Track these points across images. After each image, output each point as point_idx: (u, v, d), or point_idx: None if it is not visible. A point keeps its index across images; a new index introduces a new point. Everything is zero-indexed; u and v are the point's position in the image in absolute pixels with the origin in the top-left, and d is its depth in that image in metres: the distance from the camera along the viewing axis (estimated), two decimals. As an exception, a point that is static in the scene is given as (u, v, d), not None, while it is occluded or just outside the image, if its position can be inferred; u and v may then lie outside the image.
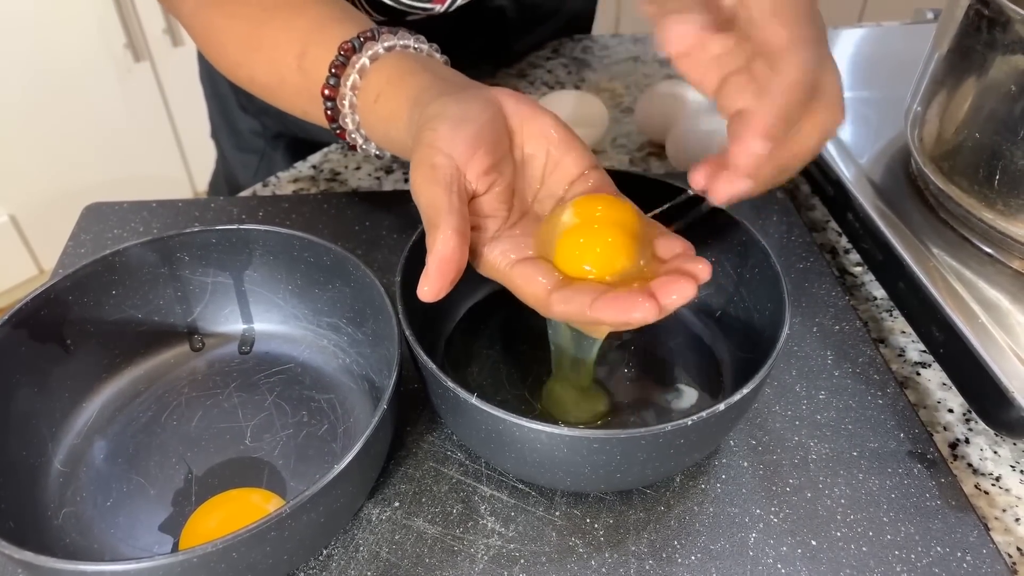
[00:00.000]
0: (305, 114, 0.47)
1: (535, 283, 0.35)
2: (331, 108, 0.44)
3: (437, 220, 0.34)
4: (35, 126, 1.57)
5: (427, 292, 0.34)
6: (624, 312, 0.32)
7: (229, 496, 0.41)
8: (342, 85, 0.43)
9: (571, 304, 0.34)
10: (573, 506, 0.43)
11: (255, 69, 0.48)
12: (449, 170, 0.35)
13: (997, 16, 0.45)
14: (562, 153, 0.39)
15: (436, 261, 0.34)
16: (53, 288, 0.43)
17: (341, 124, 0.44)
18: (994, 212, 0.49)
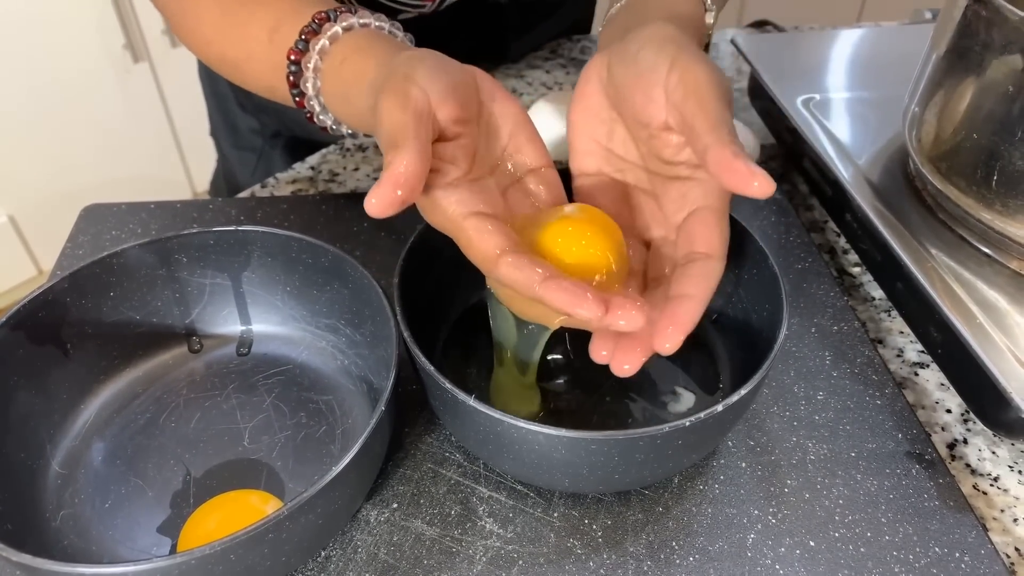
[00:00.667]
0: (271, 89, 0.47)
1: (488, 239, 0.33)
2: (294, 72, 0.43)
3: (401, 141, 0.32)
4: (34, 127, 1.57)
5: (374, 205, 0.31)
6: (570, 302, 0.31)
7: (227, 498, 0.41)
8: (310, 49, 0.42)
9: (521, 272, 0.32)
10: (571, 507, 0.43)
11: (226, 46, 0.48)
12: (422, 102, 0.34)
13: (994, 16, 0.45)
14: (524, 140, 0.39)
15: (392, 176, 0.32)
16: (51, 290, 0.43)
17: (302, 88, 0.44)
18: (992, 212, 0.49)
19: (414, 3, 0.63)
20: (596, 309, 0.31)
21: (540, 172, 0.40)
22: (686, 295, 0.34)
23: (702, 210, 0.37)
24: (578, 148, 0.42)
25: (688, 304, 0.34)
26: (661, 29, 0.38)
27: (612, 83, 0.40)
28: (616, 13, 0.47)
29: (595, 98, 0.41)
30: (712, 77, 0.36)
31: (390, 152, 0.33)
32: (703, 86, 0.35)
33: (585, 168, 0.42)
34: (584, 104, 0.41)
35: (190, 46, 0.51)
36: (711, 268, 0.35)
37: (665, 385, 0.48)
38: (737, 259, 0.47)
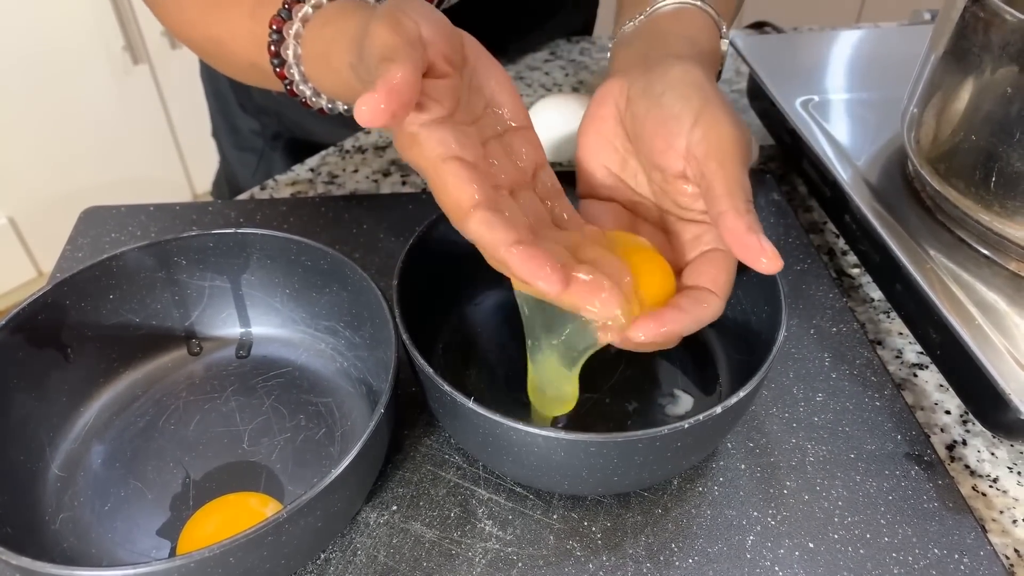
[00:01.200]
0: (252, 66, 0.47)
1: (465, 187, 0.32)
2: (276, 40, 0.43)
3: (394, 56, 0.31)
4: (34, 128, 1.57)
5: (364, 112, 0.29)
6: (531, 271, 0.31)
7: (227, 500, 0.41)
8: (293, 17, 0.42)
9: (492, 231, 0.31)
10: (571, 509, 0.43)
11: (210, 25, 0.48)
12: (414, 31, 0.33)
13: (992, 18, 0.45)
14: (507, 99, 0.38)
15: (386, 84, 0.30)
16: (50, 293, 0.43)
17: (283, 55, 0.43)
18: (991, 214, 0.49)
19: None
20: (555, 284, 0.31)
21: (521, 132, 0.39)
22: (679, 307, 0.36)
23: (714, 252, 0.38)
24: (588, 171, 0.42)
25: (676, 314, 0.35)
26: (688, 73, 0.39)
27: (632, 116, 0.40)
28: (632, 33, 0.46)
29: (610, 124, 0.41)
30: (735, 137, 0.36)
31: (382, 65, 0.31)
32: (726, 146, 0.36)
33: (596, 192, 0.42)
34: (597, 127, 0.41)
35: (173, 30, 0.51)
36: (711, 300, 0.36)
37: (664, 387, 0.48)
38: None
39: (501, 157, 0.37)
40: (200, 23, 0.49)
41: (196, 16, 0.49)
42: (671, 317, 0.35)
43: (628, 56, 0.44)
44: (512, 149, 0.38)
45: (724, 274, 0.37)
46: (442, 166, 0.32)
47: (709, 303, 0.36)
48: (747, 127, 0.39)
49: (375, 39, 0.33)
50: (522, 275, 0.31)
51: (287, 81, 0.45)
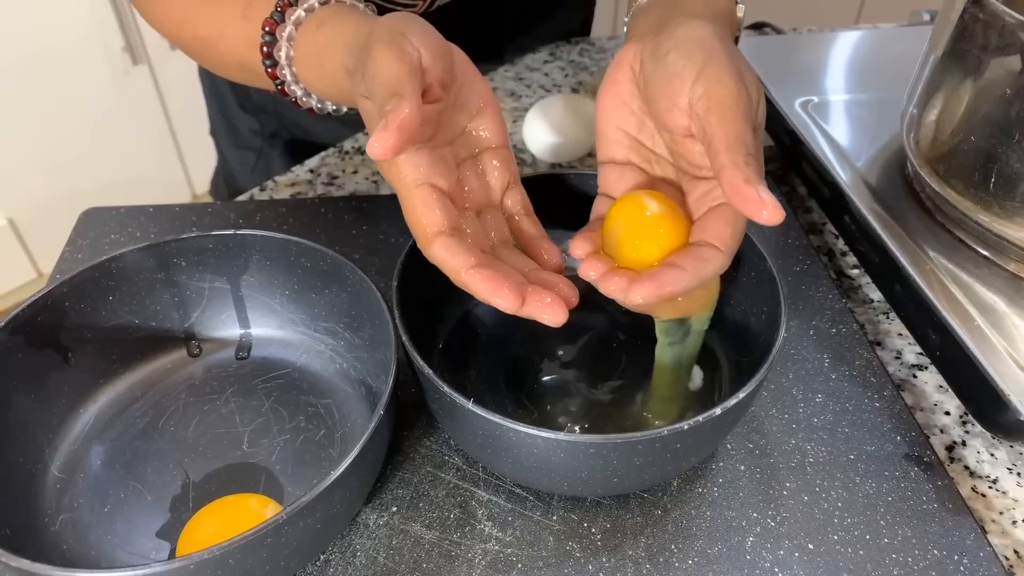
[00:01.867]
0: (242, 66, 0.47)
1: (431, 215, 0.35)
2: (268, 41, 0.43)
3: (401, 90, 0.33)
4: (33, 129, 1.57)
5: (377, 148, 0.32)
6: (489, 291, 0.33)
7: (226, 502, 0.41)
8: (286, 20, 0.43)
9: (452, 256, 0.34)
10: (570, 510, 0.43)
11: (197, 24, 0.48)
12: (417, 59, 0.35)
13: (992, 19, 0.45)
14: (488, 119, 0.40)
15: (398, 121, 0.32)
16: (50, 294, 0.43)
17: (275, 57, 0.44)
18: (990, 215, 0.49)
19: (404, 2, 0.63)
20: (512, 301, 0.33)
21: (497, 151, 0.41)
22: (677, 266, 0.35)
23: (722, 207, 0.37)
24: (606, 136, 0.42)
25: (675, 273, 0.35)
26: (696, 30, 0.38)
27: (644, 78, 0.40)
28: (647, 3, 0.46)
29: (626, 87, 0.41)
30: (737, 92, 0.36)
31: (391, 100, 0.33)
32: (726, 101, 0.36)
33: (614, 156, 0.42)
34: (614, 91, 0.41)
35: (162, 30, 0.51)
36: (713, 255, 0.36)
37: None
38: (735, 261, 0.47)
39: (473, 179, 0.40)
40: (188, 23, 0.49)
41: (183, 16, 0.49)
42: (670, 277, 0.35)
43: (644, 23, 0.44)
44: (486, 169, 0.40)
45: (729, 228, 0.37)
46: (414, 191, 0.35)
47: (711, 259, 0.36)
48: (756, 83, 0.38)
49: (380, 66, 0.34)
50: (482, 295, 0.34)
51: (278, 81, 0.45)
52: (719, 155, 0.35)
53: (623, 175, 0.42)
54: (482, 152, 0.40)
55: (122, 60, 1.61)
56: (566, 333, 0.50)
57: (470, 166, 0.40)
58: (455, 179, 0.38)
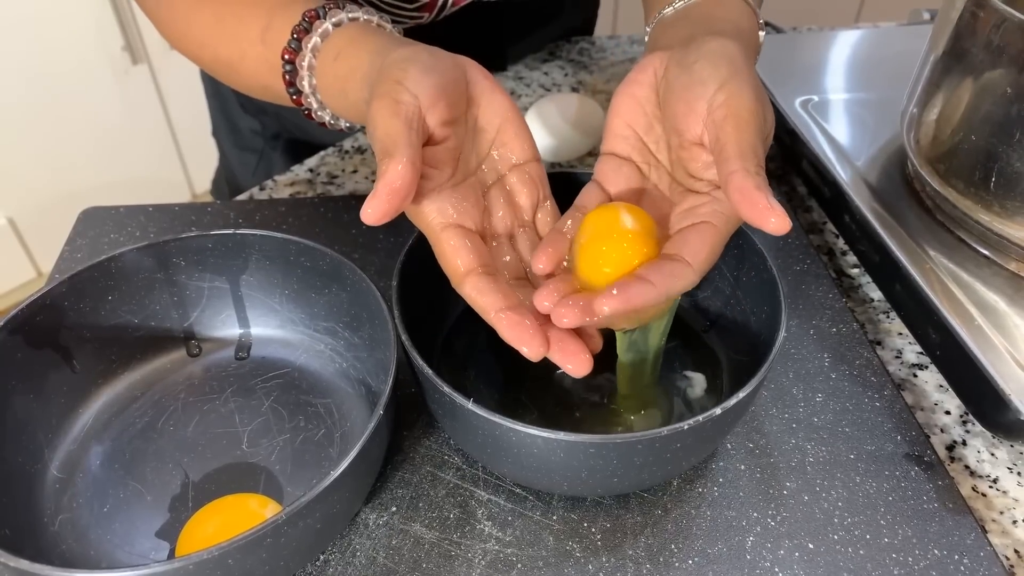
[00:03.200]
0: (265, 89, 0.47)
1: (460, 256, 0.36)
2: (289, 71, 0.44)
3: (393, 149, 0.34)
4: (33, 129, 1.57)
5: (370, 214, 0.33)
6: (515, 337, 0.34)
7: (226, 502, 0.41)
8: (303, 48, 0.43)
9: (482, 297, 0.35)
10: (570, 510, 0.43)
11: (219, 47, 0.48)
12: (413, 108, 0.35)
13: (992, 18, 0.45)
14: (511, 136, 0.40)
15: (387, 187, 0.33)
16: (49, 294, 0.43)
17: (298, 87, 0.44)
18: (990, 214, 0.49)
19: (412, 14, 0.63)
20: (536, 348, 0.34)
21: (524, 167, 0.41)
22: (647, 280, 0.34)
23: (703, 224, 0.37)
24: (614, 130, 0.42)
25: (643, 288, 0.34)
26: (725, 46, 0.39)
27: (665, 83, 0.40)
28: (673, 16, 0.46)
29: (645, 89, 0.41)
30: (756, 108, 0.36)
31: (384, 160, 0.34)
32: (745, 113, 0.36)
33: (616, 150, 0.42)
34: (632, 91, 0.42)
35: (182, 50, 0.51)
36: (684, 272, 0.35)
37: (675, 371, 0.48)
38: (736, 261, 0.47)
39: (501, 204, 0.40)
40: (209, 45, 0.49)
41: (204, 37, 0.49)
42: (637, 291, 0.34)
43: (671, 35, 0.44)
44: (513, 190, 0.41)
45: (707, 248, 0.36)
46: (441, 234, 0.36)
47: (681, 276, 0.35)
48: (771, 110, 0.38)
49: (376, 122, 0.35)
50: (508, 340, 0.34)
51: (304, 108, 0.45)
52: (730, 161, 0.35)
53: (620, 169, 0.42)
54: (509, 172, 0.40)
55: (122, 60, 1.61)
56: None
57: (498, 190, 0.40)
58: (481, 212, 0.39)
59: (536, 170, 0.41)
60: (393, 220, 0.34)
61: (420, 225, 0.37)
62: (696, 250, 0.36)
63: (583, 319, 0.34)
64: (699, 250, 0.36)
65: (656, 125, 0.42)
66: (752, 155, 0.35)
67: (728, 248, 0.47)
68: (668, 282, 0.35)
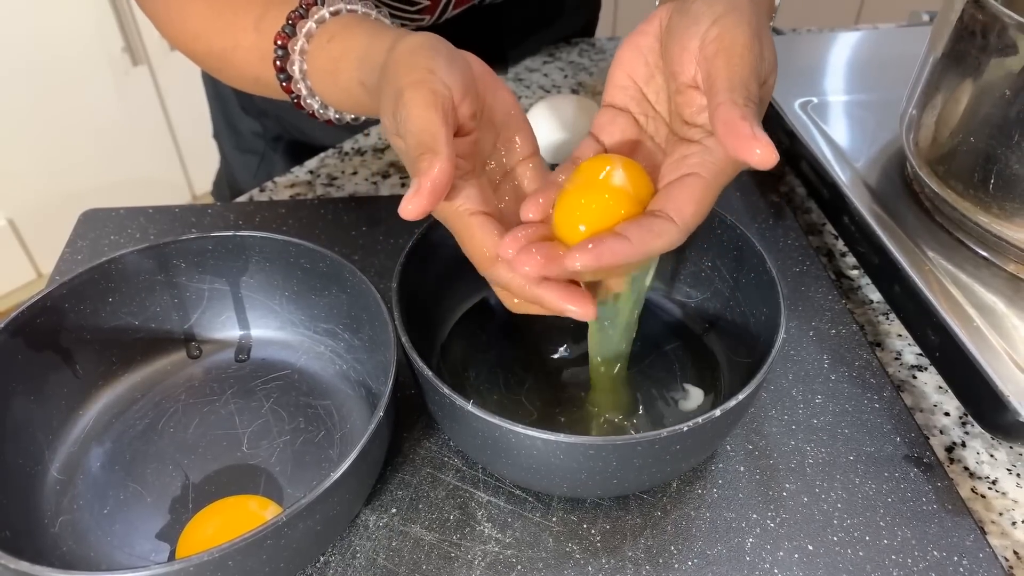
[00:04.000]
0: (256, 80, 0.47)
1: (491, 238, 0.35)
2: (281, 56, 0.43)
3: (434, 144, 0.33)
4: (33, 130, 1.57)
5: (411, 211, 0.32)
6: (566, 298, 0.33)
7: (226, 503, 0.41)
8: (297, 32, 0.43)
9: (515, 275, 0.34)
10: (570, 512, 0.43)
11: (213, 38, 0.48)
12: (448, 100, 0.35)
13: (991, 20, 0.45)
14: (515, 129, 0.40)
15: (431, 183, 0.32)
16: (49, 296, 0.43)
17: (288, 71, 0.44)
18: (989, 215, 0.49)
19: (413, 16, 0.63)
20: (587, 308, 0.33)
21: (529, 161, 0.40)
22: (623, 236, 0.32)
23: (691, 176, 0.35)
24: (615, 81, 0.42)
25: (620, 245, 0.32)
26: None
27: (668, 30, 0.39)
28: None
29: (649, 40, 0.40)
30: (751, 43, 0.35)
31: (425, 156, 0.33)
32: (738, 47, 0.34)
33: (615, 101, 0.42)
34: (637, 41, 0.41)
35: (176, 43, 0.51)
36: (666, 229, 0.33)
37: (668, 384, 0.48)
38: (735, 262, 0.47)
39: (510, 199, 0.40)
40: (203, 36, 0.49)
41: (199, 29, 0.49)
42: (612, 248, 0.32)
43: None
44: (520, 184, 0.40)
45: (692, 203, 0.33)
46: (469, 219, 0.36)
47: (662, 233, 0.33)
48: (772, 48, 0.36)
49: (412, 111, 0.34)
50: (559, 308, 0.34)
51: (294, 96, 0.45)
52: (718, 93, 0.33)
53: (615, 119, 0.41)
54: (515, 167, 0.40)
55: (122, 61, 1.61)
56: (567, 333, 0.50)
57: (506, 185, 0.40)
58: (495, 203, 0.38)
59: (540, 164, 0.40)
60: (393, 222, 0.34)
61: (446, 214, 0.36)
62: (681, 205, 0.33)
63: (546, 270, 0.33)
64: (684, 205, 0.33)
65: (657, 75, 0.40)
66: (741, 88, 0.33)
67: (727, 249, 0.47)
68: (647, 239, 0.32)
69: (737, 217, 0.46)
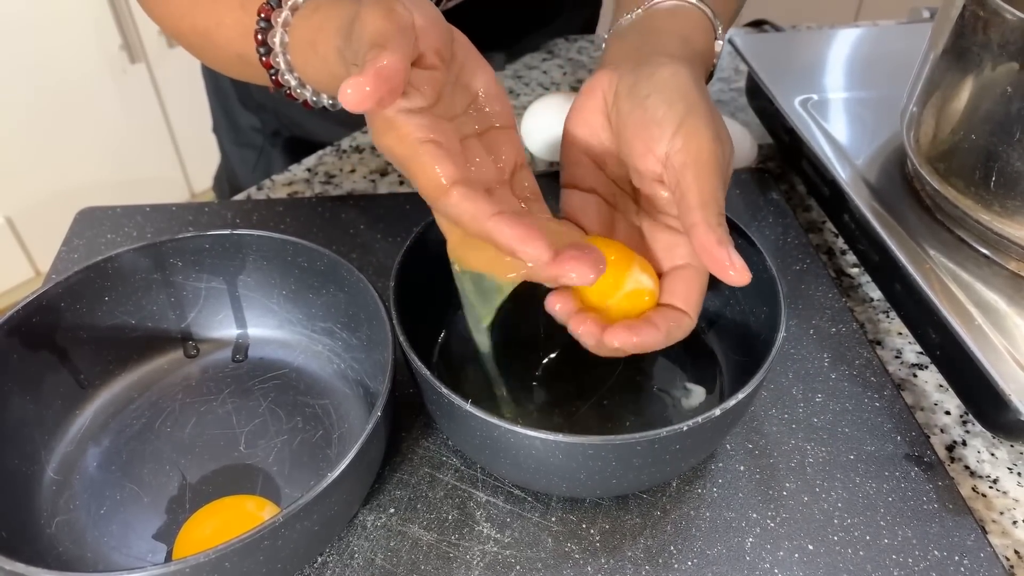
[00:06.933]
0: (239, 58, 0.47)
1: (443, 164, 0.32)
2: (263, 28, 0.43)
3: (384, 42, 0.31)
4: (31, 128, 1.56)
5: (350, 95, 0.29)
6: (520, 235, 0.30)
7: (223, 504, 0.41)
8: (283, 5, 0.42)
9: (474, 203, 0.31)
10: (569, 511, 0.43)
11: (196, 16, 0.48)
12: (407, 20, 0.33)
13: (992, 16, 0.45)
14: (494, 102, 0.38)
15: (373, 68, 0.30)
16: (45, 295, 0.43)
17: (269, 44, 0.43)
18: (990, 213, 0.49)
19: None
20: (544, 251, 0.30)
21: (503, 131, 0.39)
22: (653, 324, 0.37)
23: (686, 268, 0.39)
24: (572, 160, 0.42)
25: (651, 331, 0.37)
26: (676, 76, 0.39)
27: (617, 113, 0.40)
28: (627, 27, 0.46)
29: (596, 116, 0.41)
30: (714, 150, 0.37)
31: (372, 51, 0.31)
32: (704, 157, 0.36)
33: (578, 182, 0.42)
34: (583, 118, 0.41)
35: (161, 23, 0.51)
36: (682, 320, 0.38)
37: (675, 382, 0.47)
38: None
39: (480, 154, 0.37)
40: (187, 15, 0.49)
41: (184, 7, 0.49)
42: (645, 332, 0.36)
43: (620, 49, 0.44)
44: (492, 148, 0.38)
45: (695, 293, 0.39)
46: (419, 147, 0.32)
47: (680, 323, 0.38)
48: (729, 138, 0.39)
49: (366, 24, 0.32)
50: (508, 242, 0.31)
51: (272, 71, 0.44)
52: (692, 212, 0.36)
53: (586, 203, 0.42)
54: (488, 130, 0.38)
55: (120, 58, 1.61)
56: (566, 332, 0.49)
57: (475, 143, 0.38)
58: (459, 148, 0.36)
59: (515, 138, 0.39)
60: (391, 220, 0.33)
61: (393, 145, 0.33)
62: (686, 297, 0.39)
63: (598, 336, 0.36)
64: (688, 296, 0.39)
65: (611, 152, 0.41)
66: (713, 204, 0.36)
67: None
68: (671, 329, 0.37)
69: (737, 215, 0.46)
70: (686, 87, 0.38)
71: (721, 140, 0.37)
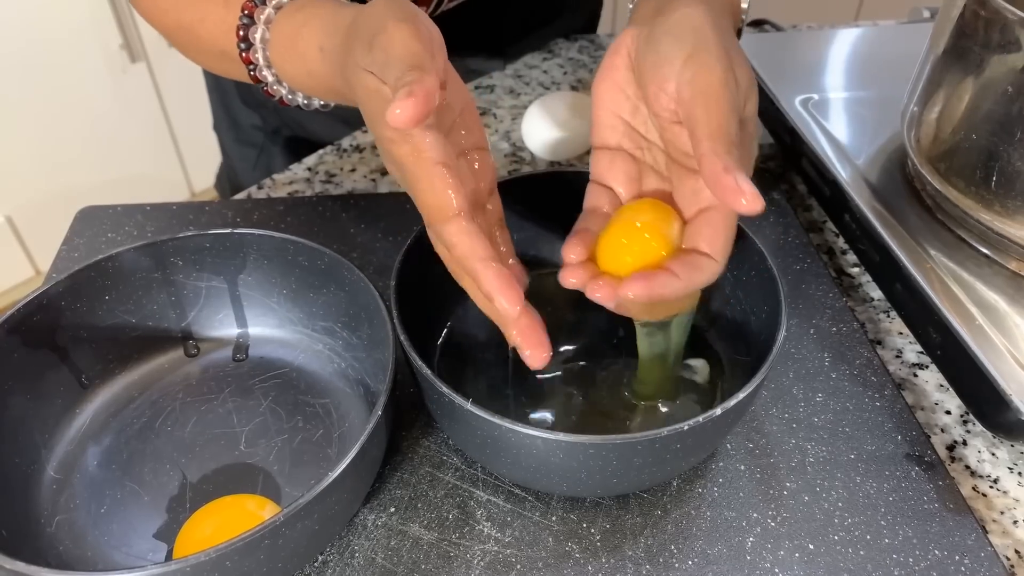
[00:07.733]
0: (222, 55, 0.47)
1: (454, 192, 0.34)
2: (245, 24, 0.43)
3: (424, 65, 0.32)
4: (31, 127, 1.56)
5: (399, 116, 0.31)
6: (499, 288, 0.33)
7: (223, 503, 0.41)
8: (266, 2, 0.42)
9: (471, 239, 0.34)
10: (570, 511, 0.43)
11: (181, 11, 0.48)
12: (436, 43, 0.34)
13: (993, 16, 0.45)
14: (471, 121, 0.39)
15: (422, 89, 0.31)
16: (46, 294, 0.43)
17: (250, 39, 0.43)
18: (991, 213, 0.48)
19: None
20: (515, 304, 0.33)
21: (481, 153, 0.40)
22: (671, 271, 0.35)
23: (711, 211, 0.37)
24: (600, 121, 0.42)
25: (668, 278, 0.35)
26: (689, 16, 0.38)
27: (637, 63, 0.40)
28: None
29: (622, 72, 0.41)
30: (724, 79, 0.35)
31: (413, 72, 0.32)
32: (712, 89, 0.35)
33: (606, 141, 0.42)
34: (610, 76, 0.41)
35: (147, 16, 0.52)
36: (706, 264, 0.36)
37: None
38: (735, 260, 0.47)
39: (467, 177, 0.39)
40: (172, 10, 0.49)
41: (168, 1, 0.49)
42: (663, 281, 0.35)
43: (645, 8, 0.44)
44: (472, 170, 0.39)
45: (721, 236, 0.37)
46: (434, 168, 0.34)
47: (704, 268, 0.36)
48: (747, 72, 0.37)
49: (395, 40, 0.33)
50: (487, 289, 0.33)
51: (251, 66, 0.45)
52: (701, 143, 0.34)
53: (613, 161, 0.41)
54: (469, 150, 0.40)
55: (120, 58, 1.61)
56: (566, 331, 0.49)
57: (463, 163, 0.39)
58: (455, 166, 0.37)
59: (490, 160, 0.40)
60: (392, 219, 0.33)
61: (406, 157, 0.34)
62: (711, 240, 0.37)
63: (613, 297, 0.36)
64: (714, 240, 0.37)
65: (641, 105, 0.41)
66: (720, 135, 0.34)
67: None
68: (692, 274, 0.36)
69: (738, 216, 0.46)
70: (698, 23, 0.37)
71: (735, 72, 0.36)
